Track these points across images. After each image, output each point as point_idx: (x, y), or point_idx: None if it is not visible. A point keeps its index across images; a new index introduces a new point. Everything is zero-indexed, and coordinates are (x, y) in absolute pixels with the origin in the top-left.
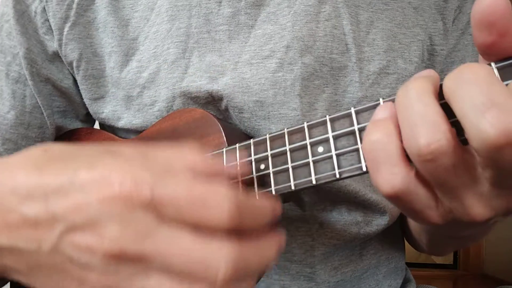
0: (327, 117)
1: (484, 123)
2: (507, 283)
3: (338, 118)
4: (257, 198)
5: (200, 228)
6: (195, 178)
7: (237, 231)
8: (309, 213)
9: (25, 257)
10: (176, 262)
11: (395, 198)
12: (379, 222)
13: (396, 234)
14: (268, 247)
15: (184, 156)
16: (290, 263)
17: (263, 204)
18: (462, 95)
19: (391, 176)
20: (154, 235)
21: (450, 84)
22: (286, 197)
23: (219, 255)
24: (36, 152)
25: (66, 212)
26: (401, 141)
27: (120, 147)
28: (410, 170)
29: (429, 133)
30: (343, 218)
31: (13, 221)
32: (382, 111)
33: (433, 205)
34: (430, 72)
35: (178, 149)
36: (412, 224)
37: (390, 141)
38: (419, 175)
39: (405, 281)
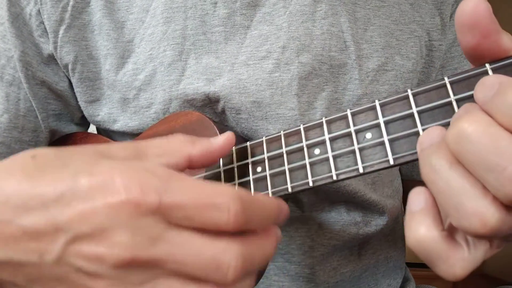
0: (323, 119)
1: (507, 187)
2: (507, 283)
3: (335, 120)
4: (263, 197)
5: (208, 229)
6: (197, 180)
7: (243, 230)
8: (308, 214)
9: (24, 270)
10: (188, 264)
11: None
12: (378, 222)
13: (395, 234)
14: (269, 243)
15: (174, 145)
16: (289, 264)
17: (269, 204)
18: (473, 160)
19: (450, 269)
20: (165, 239)
21: (455, 147)
22: (284, 198)
23: (228, 254)
24: (24, 158)
25: (71, 221)
26: (442, 228)
27: (109, 147)
28: (464, 251)
29: (478, 207)
30: (342, 219)
31: (10, 233)
32: (417, 202)
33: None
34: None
35: (168, 140)
36: None
37: (434, 235)
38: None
39: (405, 280)
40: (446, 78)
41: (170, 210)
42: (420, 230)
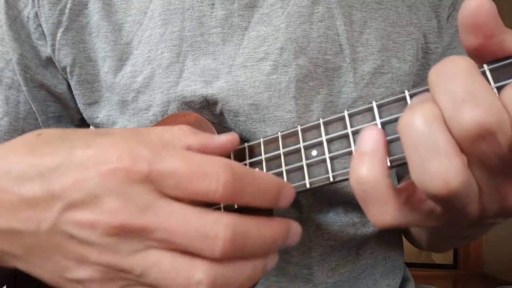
0: (321, 121)
1: (460, 117)
2: (507, 283)
3: (332, 121)
4: (260, 172)
5: (199, 199)
6: (189, 151)
7: (240, 209)
8: (306, 215)
9: (22, 239)
10: (176, 234)
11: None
12: None
13: (393, 233)
14: (271, 228)
15: (176, 132)
16: (288, 264)
17: (266, 179)
18: (443, 89)
19: (381, 215)
20: (154, 208)
21: (433, 78)
22: None
23: (218, 225)
24: (29, 136)
25: (65, 190)
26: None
27: (112, 129)
28: (401, 199)
29: (444, 166)
30: (340, 220)
31: (10, 202)
32: (369, 141)
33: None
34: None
35: (169, 127)
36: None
37: (377, 176)
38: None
39: (404, 280)
40: None
41: (160, 178)
42: (363, 170)
